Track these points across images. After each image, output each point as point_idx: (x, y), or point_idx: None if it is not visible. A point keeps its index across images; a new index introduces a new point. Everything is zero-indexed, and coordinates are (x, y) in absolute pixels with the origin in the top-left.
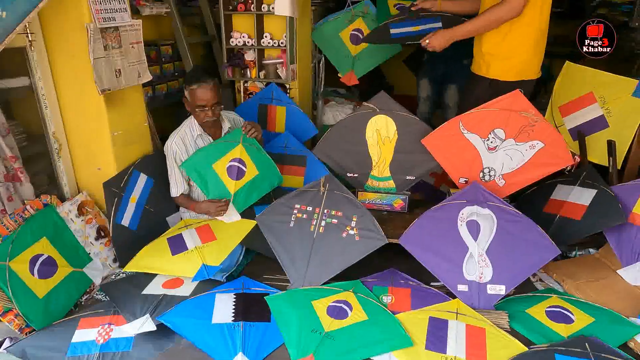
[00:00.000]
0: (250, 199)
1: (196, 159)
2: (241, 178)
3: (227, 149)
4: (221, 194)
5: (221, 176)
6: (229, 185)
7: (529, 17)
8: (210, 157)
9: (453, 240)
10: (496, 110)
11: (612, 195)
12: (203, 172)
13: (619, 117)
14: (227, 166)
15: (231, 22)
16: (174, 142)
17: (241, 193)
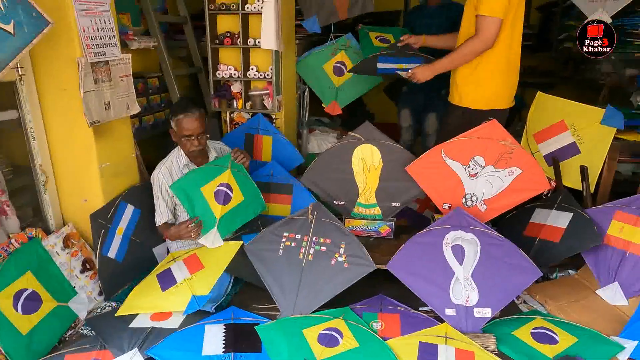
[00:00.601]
0: (234, 225)
1: (186, 181)
2: (227, 203)
3: (216, 174)
4: (207, 217)
5: (208, 200)
6: (215, 209)
7: (498, 50)
8: (199, 180)
9: (439, 265)
10: (476, 139)
11: (588, 218)
12: (191, 195)
13: (589, 144)
14: (215, 190)
15: (218, 55)
16: (160, 172)
17: (226, 218)
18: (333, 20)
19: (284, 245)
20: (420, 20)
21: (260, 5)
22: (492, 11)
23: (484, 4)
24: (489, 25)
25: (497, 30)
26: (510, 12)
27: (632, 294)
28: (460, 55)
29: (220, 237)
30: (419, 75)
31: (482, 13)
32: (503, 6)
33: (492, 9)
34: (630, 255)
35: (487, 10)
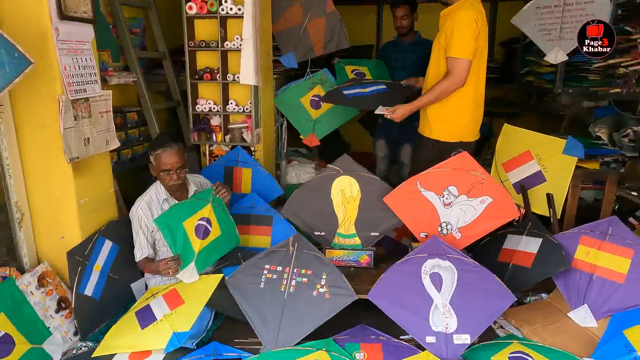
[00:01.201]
0: (210, 260)
1: (169, 215)
2: (206, 237)
3: (197, 208)
4: (187, 252)
5: (189, 234)
6: (194, 244)
7: (466, 88)
8: (182, 215)
9: (418, 293)
10: (449, 170)
11: (556, 243)
12: (174, 229)
13: (554, 173)
14: (195, 224)
15: (197, 90)
16: (139, 207)
17: (204, 252)
18: (309, 56)
19: (265, 277)
20: (394, 55)
21: (239, 42)
22: (462, 53)
23: (455, 46)
24: (460, 66)
25: (467, 70)
26: (476, 53)
27: (601, 315)
28: (435, 95)
29: (197, 272)
30: (399, 113)
31: (453, 55)
32: (472, 48)
33: (462, 51)
34: (597, 278)
35: (457, 53)
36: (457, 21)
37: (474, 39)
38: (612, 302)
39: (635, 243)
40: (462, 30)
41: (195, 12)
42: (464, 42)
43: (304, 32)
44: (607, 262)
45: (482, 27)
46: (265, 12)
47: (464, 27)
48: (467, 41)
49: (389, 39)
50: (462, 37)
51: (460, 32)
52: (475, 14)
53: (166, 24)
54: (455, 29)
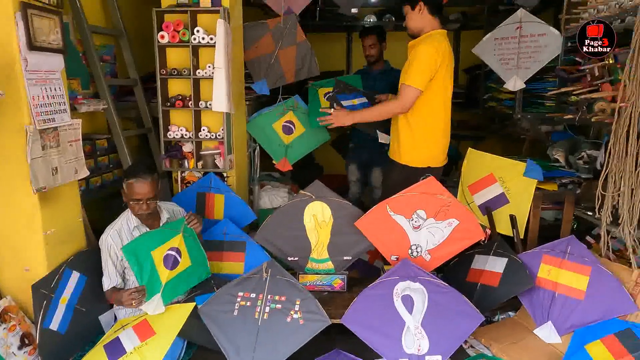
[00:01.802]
0: (178, 291)
1: (138, 244)
2: (175, 268)
3: (167, 237)
4: (153, 282)
5: (157, 264)
6: (162, 274)
7: (433, 117)
8: (151, 244)
9: (391, 316)
10: (417, 194)
11: (520, 262)
12: (141, 258)
13: (516, 194)
14: (164, 254)
15: (169, 117)
16: (109, 235)
17: (171, 284)
18: (281, 84)
19: (238, 305)
20: (365, 83)
21: (211, 70)
22: (414, 83)
23: (410, 75)
24: (409, 94)
25: (415, 99)
26: (440, 84)
27: (564, 331)
28: (378, 113)
29: (163, 304)
30: (337, 119)
31: (406, 82)
32: (425, 80)
33: (414, 80)
34: (559, 295)
35: (410, 81)
36: (417, 53)
37: (429, 72)
38: (574, 318)
39: (592, 261)
40: (419, 63)
41: (167, 41)
42: (418, 73)
43: (276, 60)
44: (567, 280)
45: (446, 60)
46: (237, 41)
47: (421, 60)
48: (422, 73)
49: (359, 66)
50: (418, 69)
51: (417, 64)
52: (436, 49)
53: (138, 51)
54: (414, 60)
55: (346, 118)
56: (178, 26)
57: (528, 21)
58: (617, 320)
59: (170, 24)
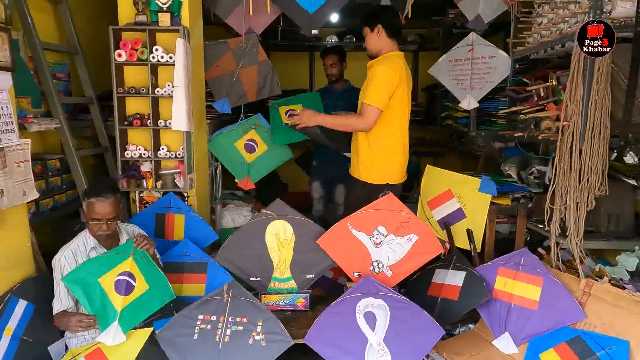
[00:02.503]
0: (138, 317)
1: (81, 272)
2: (129, 294)
3: (116, 262)
4: (107, 311)
5: (108, 291)
6: (115, 301)
7: (392, 136)
8: (97, 270)
9: (353, 333)
10: (377, 211)
11: (478, 275)
12: (88, 287)
13: (472, 209)
14: (115, 280)
15: (126, 136)
16: (63, 255)
17: (128, 311)
18: (242, 102)
19: (198, 328)
20: (326, 102)
21: (170, 89)
22: (375, 102)
23: (370, 95)
24: (370, 112)
25: (377, 117)
26: (398, 104)
27: (520, 341)
28: (342, 123)
29: (122, 332)
30: (305, 117)
31: (367, 102)
32: (384, 100)
33: (374, 100)
34: (514, 306)
35: (371, 100)
36: (375, 74)
37: (387, 92)
38: (529, 328)
39: (543, 272)
40: (379, 83)
41: (125, 59)
42: (377, 93)
43: (237, 79)
44: (522, 291)
45: (403, 80)
46: (198, 60)
47: (379, 80)
48: (380, 93)
49: (321, 84)
50: (377, 89)
51: (375, 84)
52: (394, 69)
53: (94, 68)
54: (372, 80)
55: (312, 118)
56: (136, 44)
57: (479, 44)
58: (568, 329)
59: (128, 42)
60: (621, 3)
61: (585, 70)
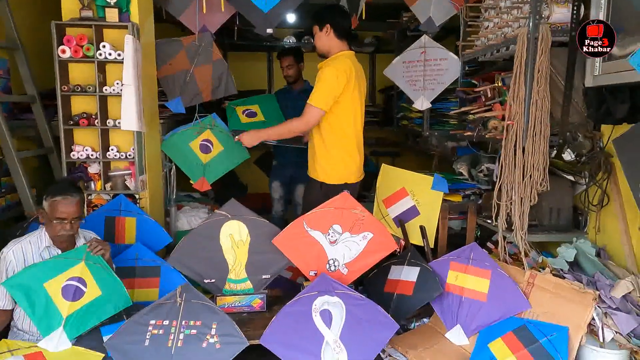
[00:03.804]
0: (87, 324)
1: (25, 276)
2: (78, 299)
3: (65, 267)
4: (51, 317)
5: (53, 297)
6: (61, 307)
7: (347, 137)
8: (42, 275)
9: (310, 332)
10: (332, 209)
11: (431, 270)
12: (31, 292)
13: (425, 206)
14: (62, 285)
15: (72, 136)
16: (11, 250)
17: (75, 316)
18: (197, 102)
19: (150, 334)
20: (286, 102)
21: (119, 87)
22: (318, 103)
23: (314, 95)
24: (312, 113)
25: (318, 118)
26: (348, 103)
27: (471, 332)
28: (285, 130)
29: (68, 338)
30: (245, 140)
31: (310, 102)
32: (328, 101)
33: (317, 101)
34: (465, 299)
35: (314, 101)
36: (321, 75)
37: (332, 93)
38: (479, 319)
39: (492, 265)
40: (324, 84)
41: (69, 56)
42: (321, 94)
43: (191, 78)
44: (472, 284)
45: (352, 80)
46: (149, 58)
47: (325, 81)
48: (325, 94)
49: (280, 85)
50: (321, 90)
51: (320, 86)
52: (340, 70)
53: (36, 65)
54: (318, 81)
55: (253, 138)
56: (81, 40)
57: (431, 46)
58: (514, 319)
59: (73, 38)
60: (558, 9)
61: (527, 71)
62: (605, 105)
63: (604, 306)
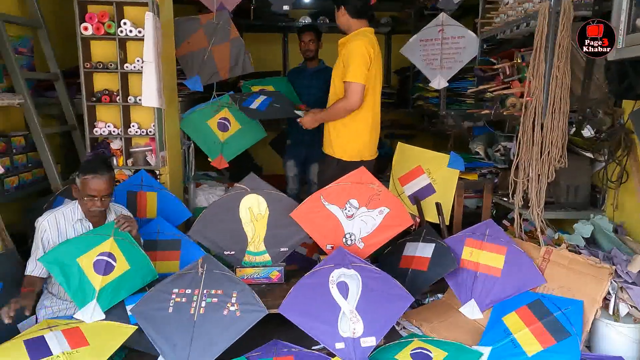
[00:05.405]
0: (118, 296)
1: (59, 252)
2: (109, 273)
3: (96, 242)
4: (84, 290)
5: (86, 271)
6: (94, 281)
7: (364, 112)
8: (75, 250)
9: (327, 302)
10: (349, 184)
11: (446, 246)
12: (66, 267)
13: (441, 184)
14: (94, 260)
15: (95, 113)
16: (47, 219)
17: (108, 289)
18: (215, 80)
19: (173, 302)
20: (300, 81)
21: (140, 64)
22: (356, 78)
23: (350, 72)
24: (354, 89)
25: (361, 93)
26: (370, 79)
27: (485, 307)
28: (333, 113)
29: (101, 310)
30: (306, 122)
31: (348, 79)
32: (364, 73)
33: (356, 76)
34: (480, 274)
35: (352, 77)
36: (352, 49)
37: (366, 66)
38: (493, 294)
39: (507, 241)
40: (356, 58)
41: (91, 33)
42: (357, 68)
43: (209, 56)
44: (486, 260)
45: (375, 55)
46: (168, 36)
47: (357, 55)
48: (360, 67)
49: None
50: (356, 64)
51: (354, 59)
52: (367, 44)
53: (59, 43)
54: (350, 56)
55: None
56: (103, 18)
57: (449, 24)
58: (528, 293)
59: (94, 15)
60: None
61: (547, 47)
62: (627, 80)
63: (620, 281)
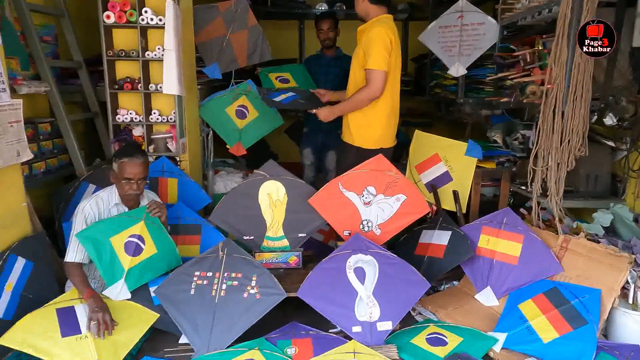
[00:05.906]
0: (144, 278)
1: (94, 230)
2: (138, 255)
3: (128, 224)
4: (114, 268)
5: (117, 251)
6: (123, 261)
7: (383, 99)
8: (109, 230)
9: (344, 287)
10: (367, 171)
11: (462, 234)
12: (99, 244)
13: (459, 172)
14: (125, 241)
15: (117, 100)
16: (89, 204)
17: (135, 270)
18: (233, 68)
19: (195, 284)
20: (317, 68)
21: (160, 52)
22: (378, 65)
23: (372, 59)
24: (376, 77)
25: (383, 80)
26: (390, 67)
27: (501, 294)
28: (355, 102)
29: (128, 290)
30: (323, 114)
31: (370, 67)
32: (386, 60)
33: (378, 63)
34: (496, 262)
35: (374, 65)
36: (372, 36)
37: (387, 52)
38: (509, 282)
39: (524, 230)
40: (377, 45)
41: (114, 21)
42: (379, 55)
43: (227, 44)
44: (503, 248)
45: (395, 42)
46: (187, 24)
47: (378, 41)
48: (382, 54)
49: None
50: (378, 51)
51: (376, 46)
52: (388, 30)
53: (81, 32)
54: (371, 44)
55: (330, 113)
56: (125, 6)
57: (468, 10)
58: (545, 281)
59: (117, 3)
60: None
61: (570, 33)
62: None
63: (639, 270)
